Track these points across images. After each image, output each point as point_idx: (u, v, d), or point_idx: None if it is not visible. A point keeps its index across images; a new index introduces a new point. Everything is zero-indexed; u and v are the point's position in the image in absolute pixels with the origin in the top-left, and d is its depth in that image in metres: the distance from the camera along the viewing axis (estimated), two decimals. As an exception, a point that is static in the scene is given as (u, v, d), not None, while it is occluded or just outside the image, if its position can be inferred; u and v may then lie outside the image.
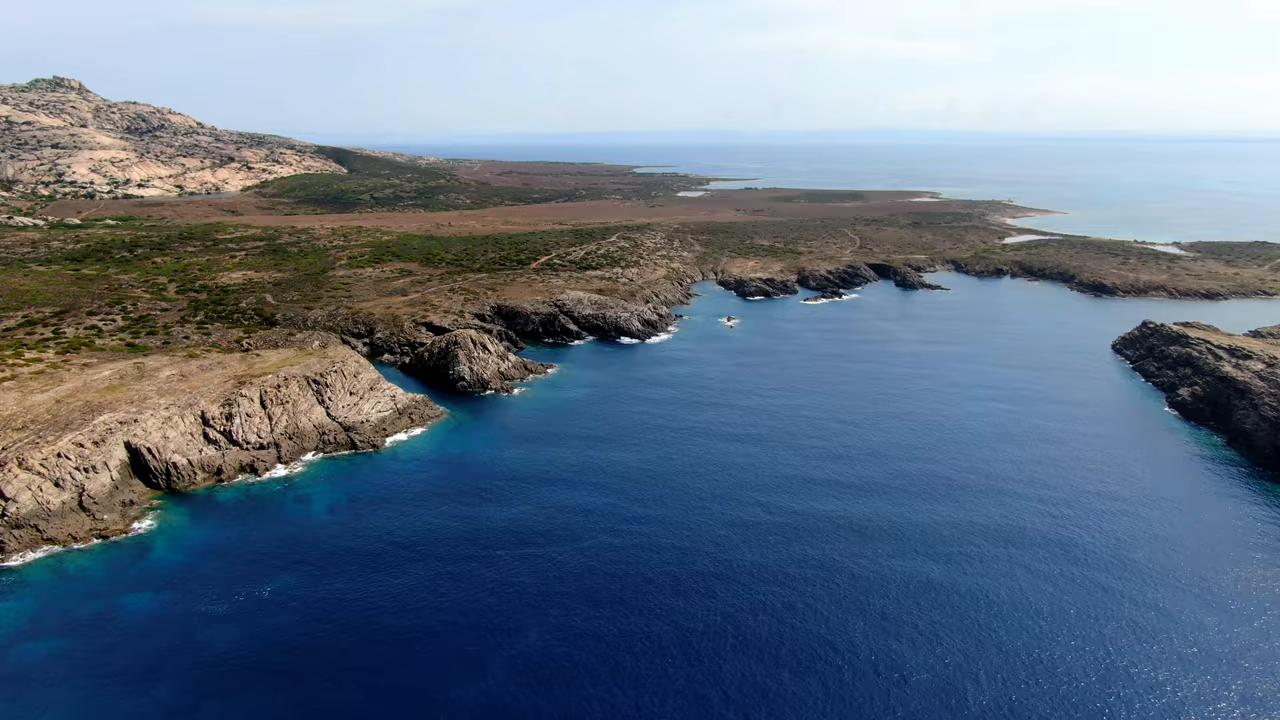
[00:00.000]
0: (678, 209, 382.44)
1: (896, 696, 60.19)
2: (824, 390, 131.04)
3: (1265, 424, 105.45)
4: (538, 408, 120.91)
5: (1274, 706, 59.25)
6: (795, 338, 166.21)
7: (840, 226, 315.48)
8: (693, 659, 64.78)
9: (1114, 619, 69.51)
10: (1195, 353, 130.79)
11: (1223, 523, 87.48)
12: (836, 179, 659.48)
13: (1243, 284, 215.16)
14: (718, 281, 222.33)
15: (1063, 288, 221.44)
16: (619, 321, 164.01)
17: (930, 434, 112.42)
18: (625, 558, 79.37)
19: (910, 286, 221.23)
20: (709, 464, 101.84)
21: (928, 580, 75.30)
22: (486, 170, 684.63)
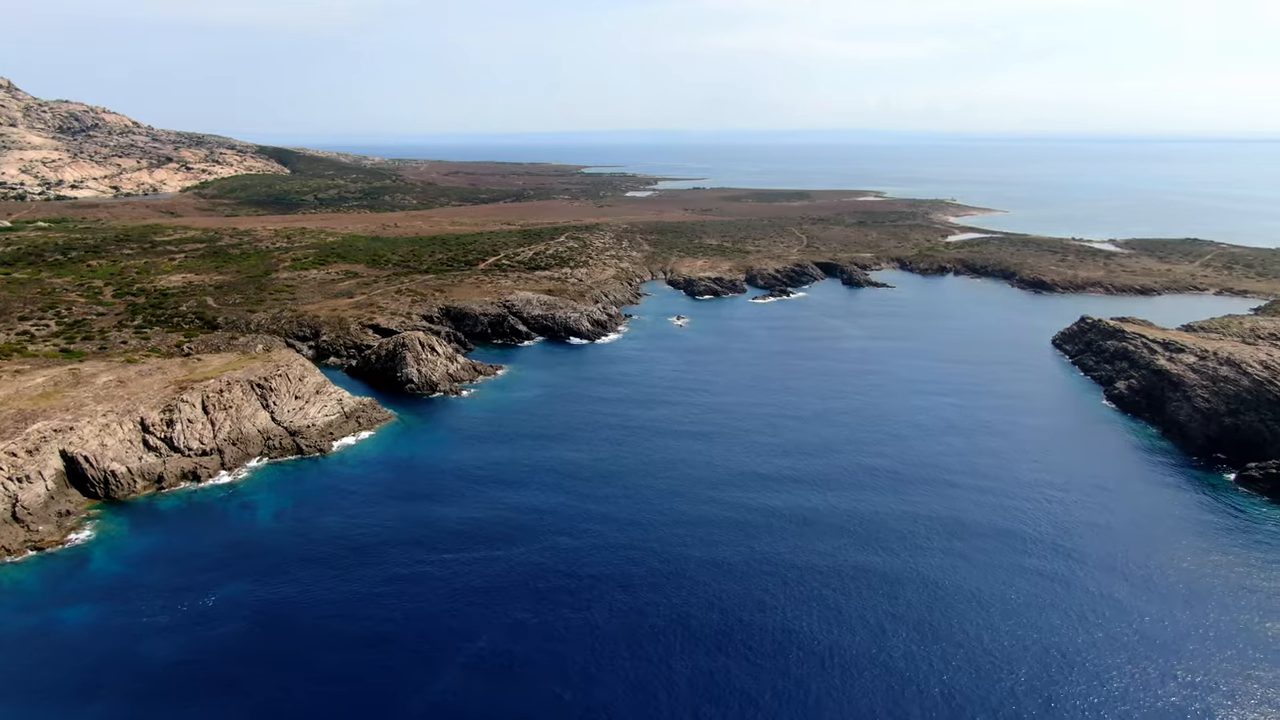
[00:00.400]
0: (626, 209, 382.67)
1: (845, 686, 60.83)
2: (773, 387, 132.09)
3: (1198, 415, 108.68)
4: (488, 409, 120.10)
5: (1212, 691, 61.01)
6: (745, 336, 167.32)
7: (787, 225, 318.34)
8: (643, 655, 64.88)
9: (1057, 606, 71.06)
10: (1131, 347, 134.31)
11: (1158, 510, 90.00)
12: (783, 178, 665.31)
13: (1175, 280, 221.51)
14: (667, 281, 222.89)
15: (1004, 284, 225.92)
16: (568, 322, 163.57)
17: (878, 428, 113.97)
18: (577, 556, 79.14)
19: (857, 284, 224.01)
20: (660, 461, 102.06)
21: (877, 572, 76.27)
22: (433, 170, 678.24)
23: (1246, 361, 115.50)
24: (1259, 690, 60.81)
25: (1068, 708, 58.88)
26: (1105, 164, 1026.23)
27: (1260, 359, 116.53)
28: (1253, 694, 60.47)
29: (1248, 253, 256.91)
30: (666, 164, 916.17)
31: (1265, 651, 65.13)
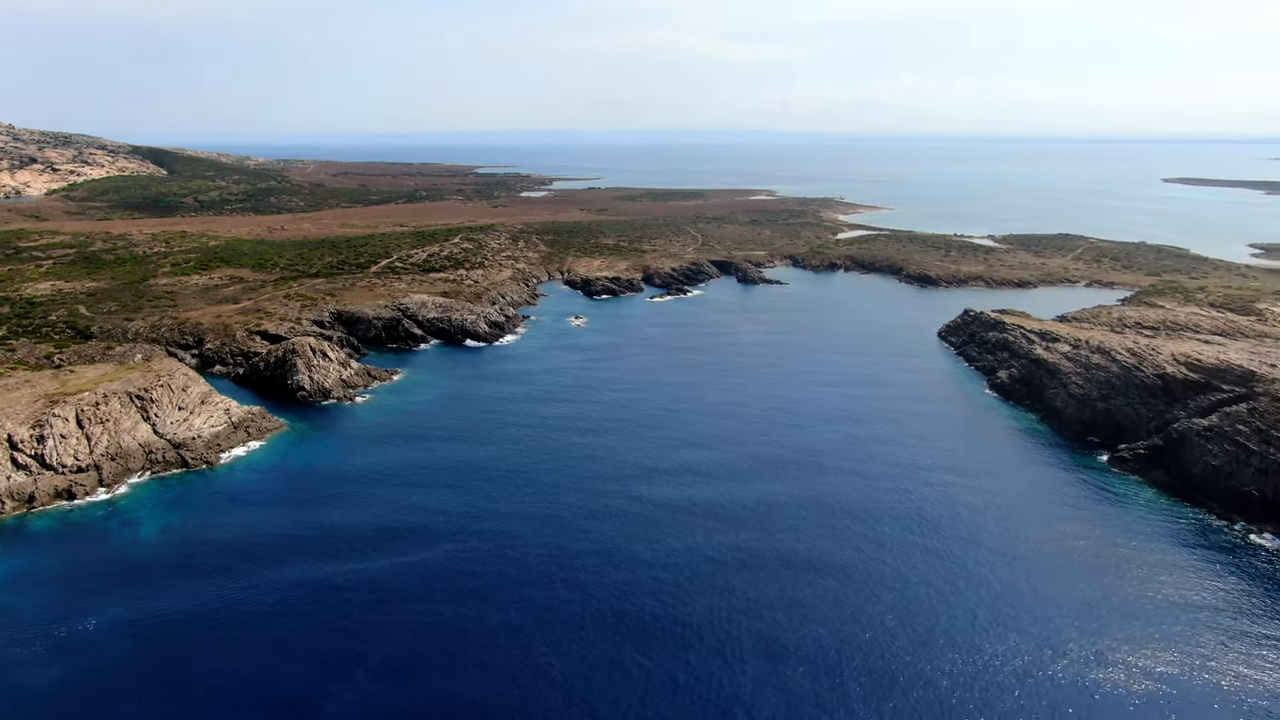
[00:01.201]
0: (521, 209, 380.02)
1: (750, 672, 61.89)
2: (673, 382, 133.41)
3: (1073, 401, 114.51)
4: (385, 414, 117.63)
5: (1093, 664, 64.34)
6: (643, 334, 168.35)
7: (683, 225, 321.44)
8: (556, 648, 64.75)
9: (948, 582, 73.90)
10: (1011, 338, 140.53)
11: (1038, 491, 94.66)
12: (678, 178, 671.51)
13: (1050, 273, 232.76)
14: (564, 281, 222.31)
15: (892, 279, 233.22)
16: (465, 324, 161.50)
17: (776, 419, 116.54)
18: (481, 555, 78.34)
19: (751, 282, 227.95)
20: (564, 458, 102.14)
21: (781, 557, 77.87)
22: (321, 171, 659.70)
23: (1115, 349, 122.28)
24: (1120, 645, 64.52)
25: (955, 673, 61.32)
26: (985, 163, 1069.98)
27: (1128, 346, 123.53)
28: (1117, 650, 64.12)
29: (1114, 247, 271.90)
30: (562, 164, 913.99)
31: (1128, 614, 69.14)
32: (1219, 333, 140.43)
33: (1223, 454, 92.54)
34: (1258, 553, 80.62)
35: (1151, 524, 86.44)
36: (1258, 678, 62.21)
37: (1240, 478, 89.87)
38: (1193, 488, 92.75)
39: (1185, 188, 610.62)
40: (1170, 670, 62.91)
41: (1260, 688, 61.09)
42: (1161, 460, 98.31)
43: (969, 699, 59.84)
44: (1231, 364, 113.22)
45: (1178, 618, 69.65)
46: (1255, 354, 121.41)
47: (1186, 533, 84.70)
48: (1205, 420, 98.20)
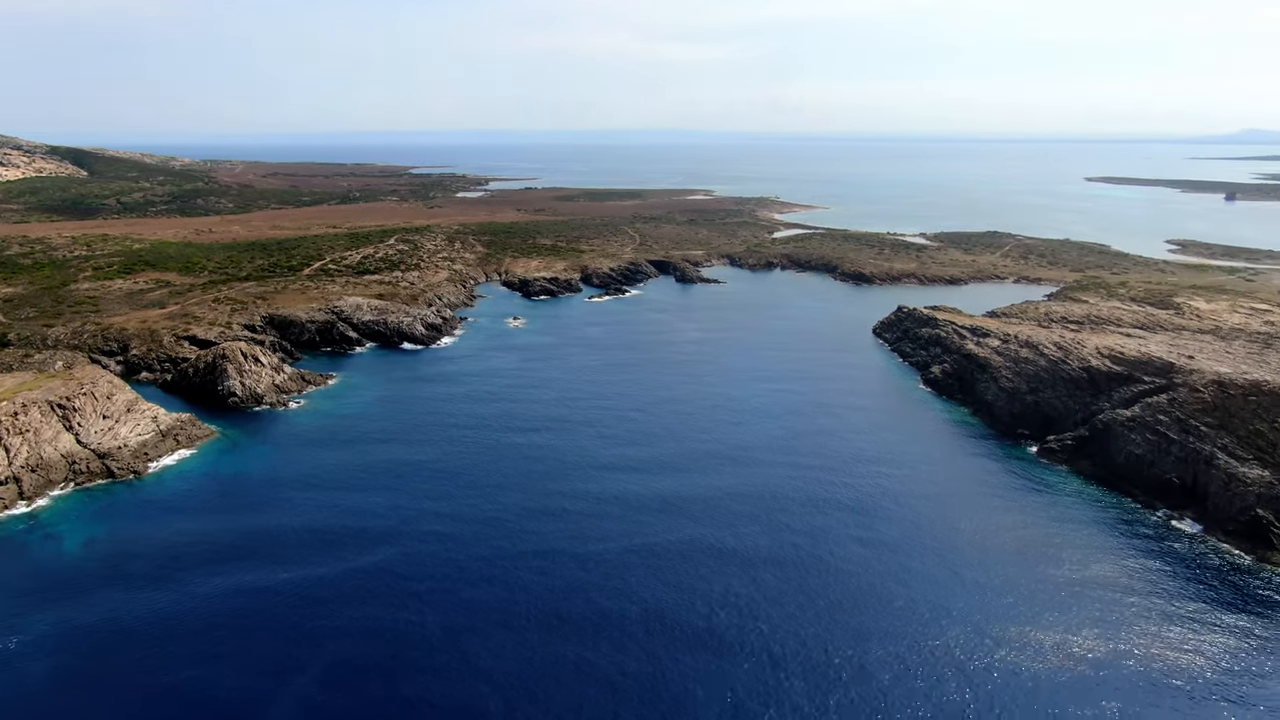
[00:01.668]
0: (457, 210, 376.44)
1: (693, 667, 62.24)
2: (614, 381, 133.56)
3: (1003, 394, 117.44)
4: (320, 419, 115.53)
5: (1029, 650, 66.07)
6: (582, 334, 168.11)
7: (621, 225, 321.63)
8: (497, 650, 64.46)
9: (888, 574, 75.34)
10: (943, 333, 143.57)
11: (971, 482, 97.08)
12: (615, 178, 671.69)
13: (979, 269, 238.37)
14: (502, 282, 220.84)
15: (827, 277, 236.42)
16: (401, 326, 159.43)
17: (717, 415, 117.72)
18: (422, 556, 77.52)
19: (690, 281, 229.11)
20: (504, 457, 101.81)
21: (724, 551, 78.56)
22: (250, 172, 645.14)
23: (1043, 343, 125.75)
24: (1053, 629, 66.46)
25: (886, 655, 62.53)
26: (919, 163, 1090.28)
27: (1054, 340, 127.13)
28: (1049, 634, 66.02)
29: (1040, 244, 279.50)
30: (497, 164, 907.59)
31: (1059, 598, 71.22)
32: (1140, 326, 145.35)
33: (1145, 443, 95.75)
34: (1179, 537, 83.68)
35: (1079, 512, 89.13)
36: (1180, 654, 64.59)
37: (1162, 466, 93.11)
38: (1118, 476, 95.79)
39: (1107, 186, 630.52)
40: (1100, 651, 64.95)
41: (1182, 663, 63.43)
42: (1088, 451, 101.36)
43: (915, 690, 60.98)
44: (1152, 356, 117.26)
45: (1106, 601, 71.92)
46: (1174, 346, 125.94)
47: (1112, 520, 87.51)
48: (1128, 411, 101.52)
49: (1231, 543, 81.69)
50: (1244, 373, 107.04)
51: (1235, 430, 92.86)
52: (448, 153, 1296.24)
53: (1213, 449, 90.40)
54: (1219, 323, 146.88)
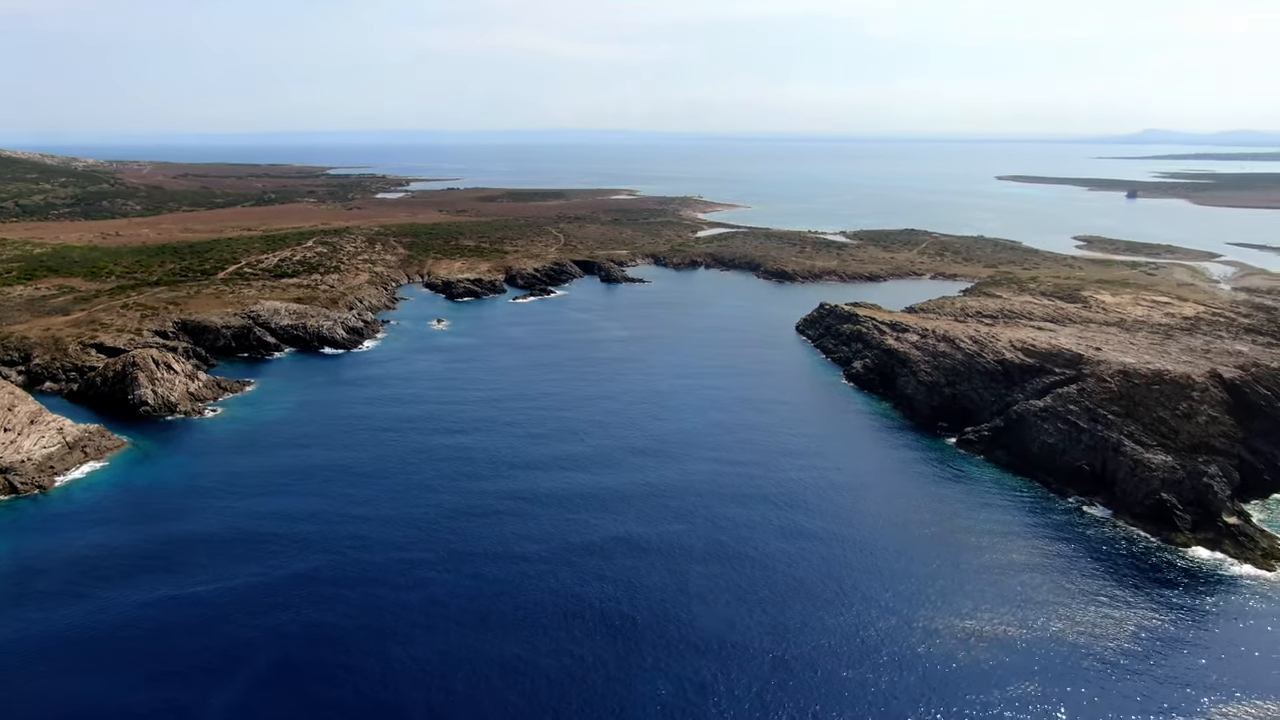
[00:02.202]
0: (377, 211, 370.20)
1: (621, 658, 62.37)
2: (540, 380, 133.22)
3: (922, 388, 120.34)
4: (237, 426, 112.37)
5: (953, 633, 67.82)
6: (508, 335, 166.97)
7: (544, 225, 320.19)
8: (424, 649, 64.23)
9: (816, 564, 76.74)
10: (864, 329, 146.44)
11: (893, 473, 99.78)
12: (538, 178, 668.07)
13: (898, 266, 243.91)
14: (425, 284, 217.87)
15: (751, 276, 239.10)
16: (321, 330, 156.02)
17: (644, 411, 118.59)
18: (347, 559, 76.33)
19: (615, 281, 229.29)
20: (430, 458, 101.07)
21: (653, 543, 79.05)
22: (159, 173, 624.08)
23: (959, 338, 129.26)
24: (974, 612, 68.48)
25: (818, 632, 63.63)
26: (838, 163, 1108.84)
27: (970, 335, 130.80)
28: (971, 616, 68.00)
29: (955, 241, 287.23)
30: (418, 165, 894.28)
31: (979, 583, 73.40)
32: (1050, 320, 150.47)
33: (1057, 432, 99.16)
34: (1090, 522, 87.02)
35: (996, 501, 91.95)
36: (1094, 631, 67.27)
37: (1073, 454, 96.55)
38: (1032, 465, 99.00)
39: (1018, 185, 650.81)
40: (1020, 633, 67.14)
41: (1096, 639, 66.07)
42: (1003, 441, 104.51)
43: (852, 679, 62.06)
44: (1062, 348, 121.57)
45: (1024, 584, 74.35)
46: (1082, 338, 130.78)
47: (1027, 507, 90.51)
48: (1040, 402, 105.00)
49: (1138, 525, 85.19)
50: (1147, 363, 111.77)
51: (1140, 418, 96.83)
52: (366, 153, 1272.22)
53: (1120, 436, 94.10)
54: (1123, 315, 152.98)
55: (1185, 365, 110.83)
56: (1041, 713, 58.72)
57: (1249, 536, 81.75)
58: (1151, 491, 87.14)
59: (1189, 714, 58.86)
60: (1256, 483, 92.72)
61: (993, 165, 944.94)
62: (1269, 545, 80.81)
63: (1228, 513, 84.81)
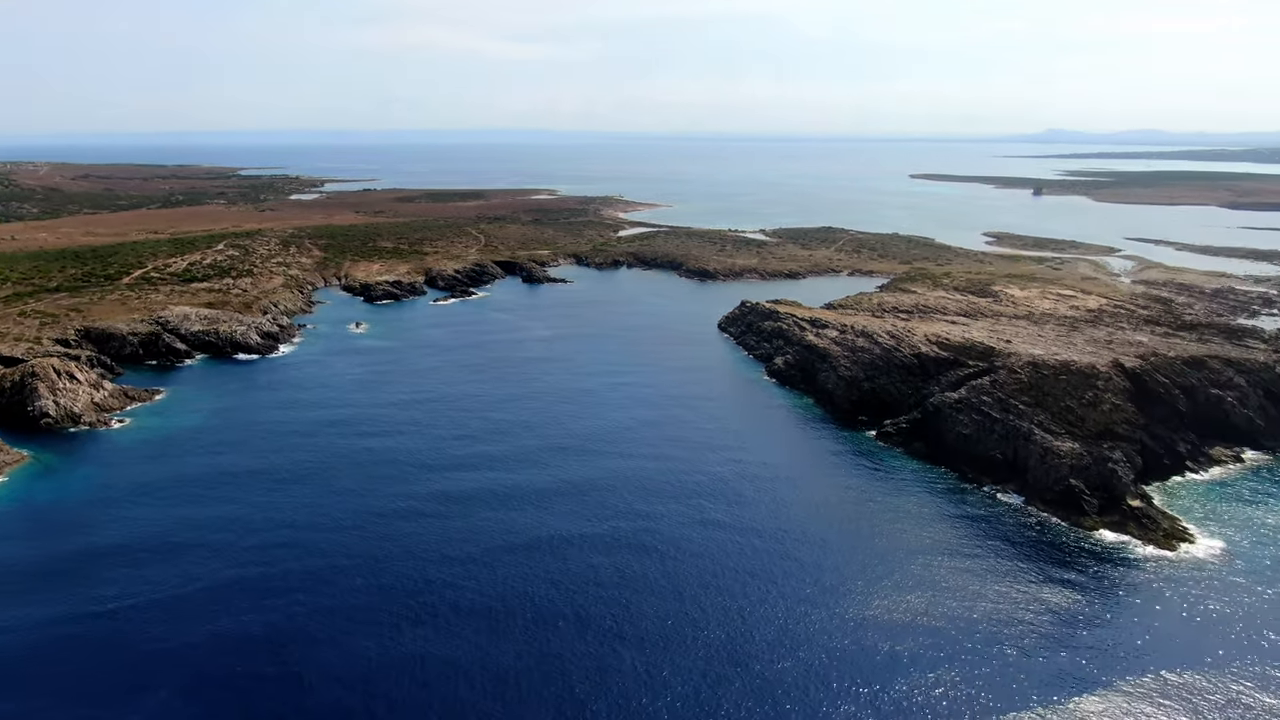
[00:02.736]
0: (291, 213, 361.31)
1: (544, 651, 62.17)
2: (463, 381, 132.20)
3: (842, 383, 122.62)
4: (148, 435, 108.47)
5: (878, 622, 69.30)
6: (429, 337, 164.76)
7: (464, 226, 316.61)
8: (350, 650, 63.78)
9: (736, 551, 77.87)
10: (785, 326, 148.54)
11: (815, 466, 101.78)
12: (456, 178, 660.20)
13: (816, 264, 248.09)
14: (342, 287, 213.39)
15: (673, 274, 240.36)
16: (235, 336, 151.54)
17: (569, 409, 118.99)
18: (271, 564, 74.73)
19: (537, 281, 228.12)
20: (352, 463, 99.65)
21: (583, 539, 79.21)
22: (56, 174, 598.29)
23: (877, 333, 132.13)
24: (898, 600, 70.23)
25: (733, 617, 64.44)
26: (761, 161, 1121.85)
27: (887, 330, 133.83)
28: (895, 604, 69.69)
29: (871, 238, 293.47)
30: (333, 165, 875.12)
31: (900, 571, 75.28)
32: (963, 314, 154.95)
33: (971, 423, 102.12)
34: (1004, 509, 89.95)
35: (914, 490, 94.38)
36: (1011, 612, 69.71)
37: (986, 444, 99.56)
38: (949, 455, 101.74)
39: (930, 183, 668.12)
40: (938, 614, 69.22)
41: (1013, 620, 68.45)
42: (921, 432, 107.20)
43: (772, 669, 62.85)
44: (975, 341, 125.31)
45: (943, 572, 76.50)
46: (994, 331, 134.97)
47: (943, 496, 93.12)
48: (955, 394, 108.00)
49: (1049, 511, 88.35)
50: (1055, 354, 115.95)
51: (1049, 407, 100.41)
52: (278, 153, 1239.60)
53: (1030, 425, 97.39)
54: (1032, 308, 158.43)
55: (1090, 356, 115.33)
56: (963, 695, 60.44)
57: (1151, 519, 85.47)
58: (1060, 478, 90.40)
59: (1102, 686, 61.44)
60: (1157, 467, 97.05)
61: (909, 164, 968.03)
62: (1170, 526, 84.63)
63: (1131, 496, 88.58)
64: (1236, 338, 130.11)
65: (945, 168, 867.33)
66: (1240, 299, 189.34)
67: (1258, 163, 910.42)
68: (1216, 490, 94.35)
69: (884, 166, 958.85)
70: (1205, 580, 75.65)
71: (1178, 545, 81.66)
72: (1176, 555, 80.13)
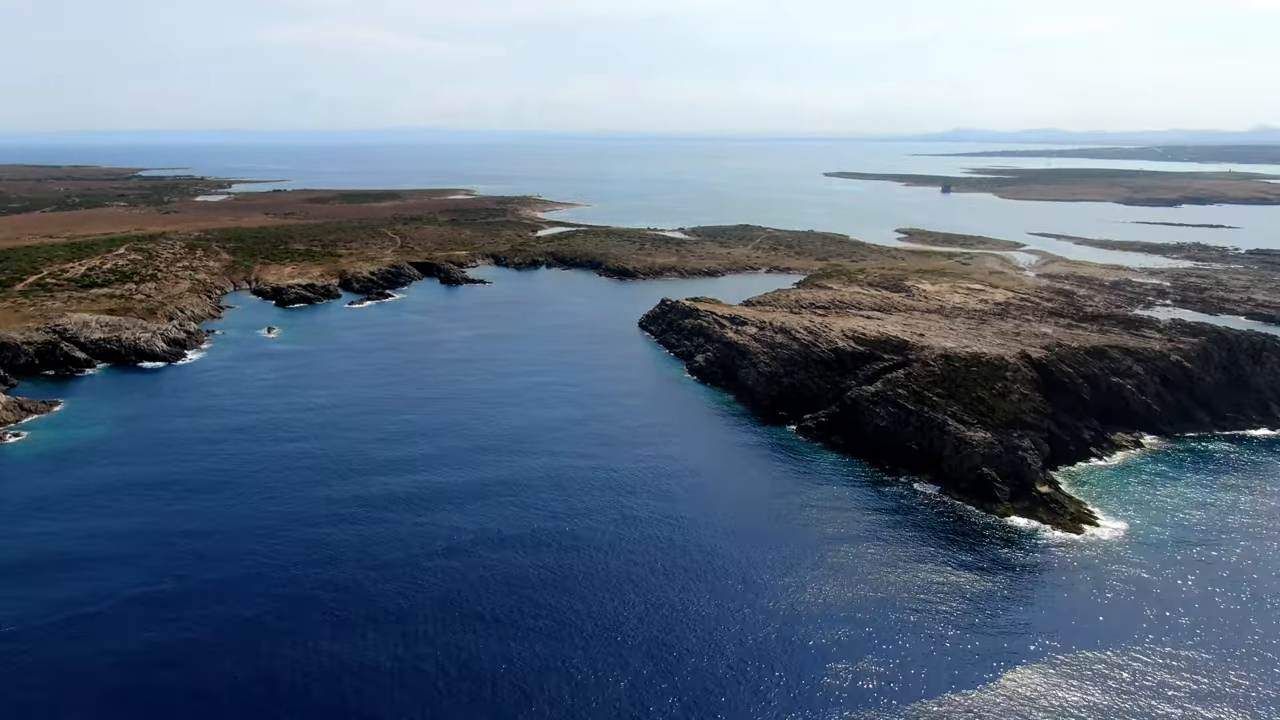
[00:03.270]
0: (198, 215, 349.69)
1: (472, 648, 61.42)
2: (381, 384, 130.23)
3: (762, 379, 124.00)
4: (45, 448, 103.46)
5: (800, 615, 70.16)
6: (344, 340, 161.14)
7: (379, 227, 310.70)
8: (270, 655, 62.60)
9: (655, 545, 78.38)
10: (705, 323, 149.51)
11: (736, 461, 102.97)
12: (372, 179, 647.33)
13: (735, 261, 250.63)
14: (253, 291, 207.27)
15: (592, 274, 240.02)
16: (139, 343, 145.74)
17: (489, 409, 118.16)
18: (182, 574, 72.48)
19: (455, 282, 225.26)
20: (267, 469, 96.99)
21: (508, 538, 78.62)
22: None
23: (795, 329, 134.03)
24: (820, 592, 71.35)
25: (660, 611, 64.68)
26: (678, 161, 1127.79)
27: (805, 325, 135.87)
28: (818, 596, 70.78)
29: (788, 235, 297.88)
30: (242, 166, 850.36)
31: (822, 563, 76.55)
32: (878, 309, 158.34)
33: (888, 415, 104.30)
34: (919, 498, 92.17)
35: (835, 483, 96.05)
36: (929, 596, 71.42)
37: (903, 435, 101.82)
38: (867, 448, 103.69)
39: (843, 181, 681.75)
40: (859, 604, 70.50)
41: (931, 604, 70.15)
42: (840, 426, 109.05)
43: (695, 663, 63.07)
44: (890, 335, 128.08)
45: (860, 560, 78.14)
46: (907, 325, 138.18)
47: (862, 487, 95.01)
48: (872, 387, 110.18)
49: (964, 499, 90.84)
50: (966, 346, 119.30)
51: (961, 398, 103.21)
52: (184, 153, 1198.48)
53: (944, 417, 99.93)
54: (943, 302, 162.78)
55: (999, 348, 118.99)
56: (888, 679, 61.64)
57: (1059, 504, 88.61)
58: (973, 467, 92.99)
59: (1019, 664, 63.48)
60: (1064, 453, 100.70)
61: (824, 163, 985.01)
62: (1076, 510, 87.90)
63: (1040, 483, 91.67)
64: (1134, 328, 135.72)
65: (858, 166, 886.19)
66: (1136, 291, 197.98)
67: (1150, 160, 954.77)
68: (1118, 474, 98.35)
69: (800, 165, 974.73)
70: (1109, 560, 78.79)
71: (1084, 528, 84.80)
72: (1083, 538, 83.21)
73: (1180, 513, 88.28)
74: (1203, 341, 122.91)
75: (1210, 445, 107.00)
